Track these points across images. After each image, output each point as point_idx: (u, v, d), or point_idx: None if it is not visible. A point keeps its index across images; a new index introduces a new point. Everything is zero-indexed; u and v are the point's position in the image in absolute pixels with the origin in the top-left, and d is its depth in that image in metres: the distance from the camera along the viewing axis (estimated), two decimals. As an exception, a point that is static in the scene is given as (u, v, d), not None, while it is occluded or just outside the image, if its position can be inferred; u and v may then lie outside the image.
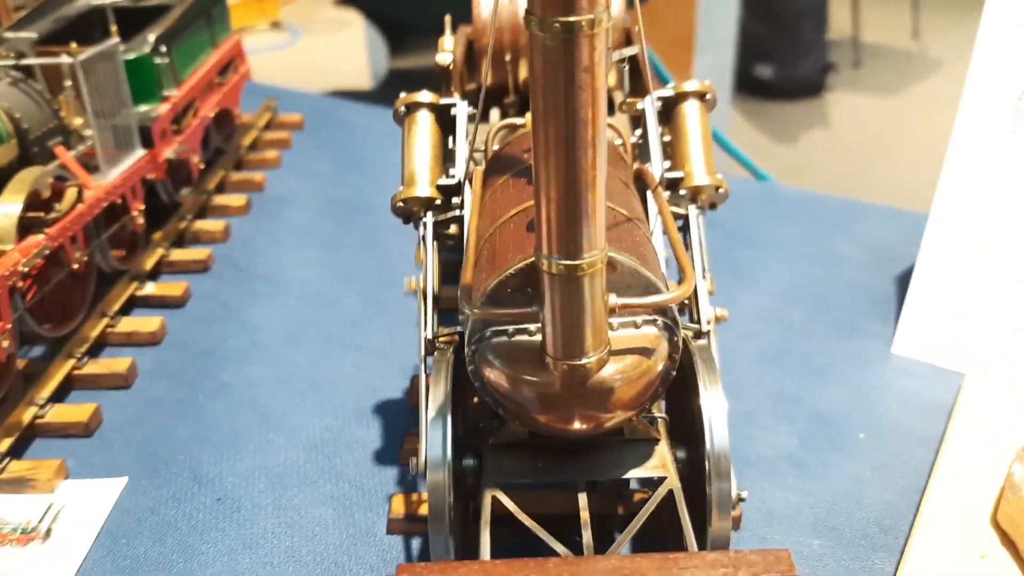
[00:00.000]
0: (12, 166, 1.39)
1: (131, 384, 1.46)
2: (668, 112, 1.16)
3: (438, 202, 1.10)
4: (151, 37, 1.72)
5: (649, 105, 1.14)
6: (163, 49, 1.73)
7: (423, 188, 1.10)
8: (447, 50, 1.34)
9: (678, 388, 0.93)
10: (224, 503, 1.23)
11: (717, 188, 1.11)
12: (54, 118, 1.49)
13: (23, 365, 1.43)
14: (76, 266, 1.42)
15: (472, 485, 0.94)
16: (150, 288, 1.68)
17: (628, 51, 1.13)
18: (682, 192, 1.11)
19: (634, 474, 0.92)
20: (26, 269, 1.29)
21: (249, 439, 1.33)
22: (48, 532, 1.20)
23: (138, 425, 1.38)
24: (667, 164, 1.12)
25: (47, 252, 1.34)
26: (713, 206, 1.15)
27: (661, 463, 0.92)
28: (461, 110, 1.15)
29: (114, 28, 1.70)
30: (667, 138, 1.14)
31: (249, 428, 1.36)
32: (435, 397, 0.89)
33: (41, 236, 1.34)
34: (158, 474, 1.29)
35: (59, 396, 1.42)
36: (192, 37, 1.87)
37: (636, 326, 0.85)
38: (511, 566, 0.76)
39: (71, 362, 1.45)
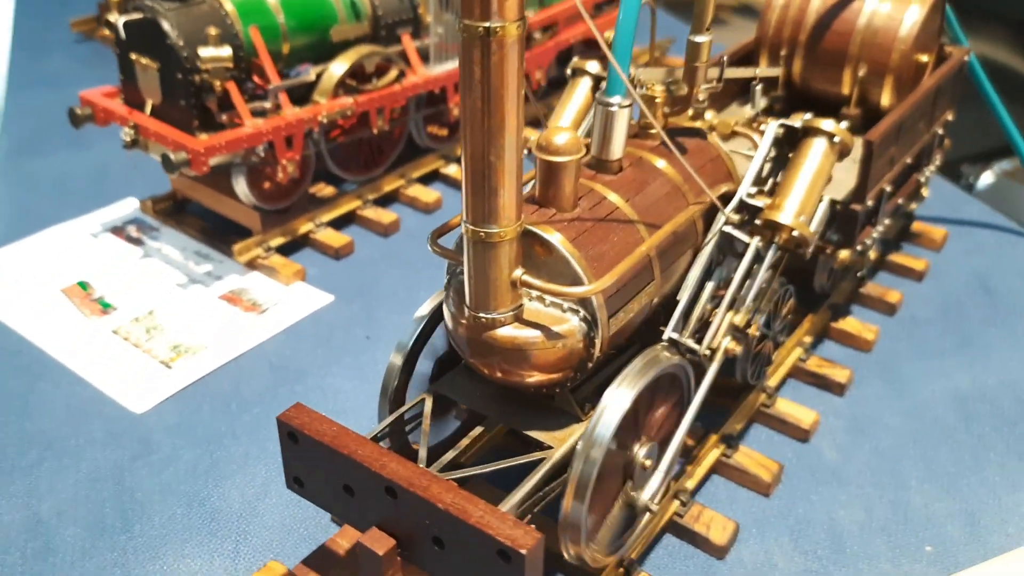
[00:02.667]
0: (359, 40, 1.78)
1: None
2: (794, 143, 1.14)
3: None
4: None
5: (770, 131, 1.13)
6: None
7: None
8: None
9: None
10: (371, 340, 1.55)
11: (794, 232, 1.09)
12: (410, 10, 1.85)
13: (322, 191, 1.88)
14: (376, 131, 1.80)
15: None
16: (452, 169, 2.02)
17: (766, 71, 1.13)
18: (758, 222, 1.11)
19: (533, 434, 1.01)
20: (326, 120, 1.68)
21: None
22: (266, 310, 1.63)
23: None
24: (753, 190, 1.11)
25: (350, 114, 1.72)
26: (795, 251, 1.13)
27: (563, 437, 1.01)
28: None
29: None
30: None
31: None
32: (431, 302, 1.08)
33: (350, 100, 1.72)
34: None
35: (337, 224, 1.84)
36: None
37: (562, 310, 0.95)
38: (359, 442, 0.93)
39: (357, 202, 1.86)
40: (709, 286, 1.10)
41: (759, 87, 1.17)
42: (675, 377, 1.05)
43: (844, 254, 1.40)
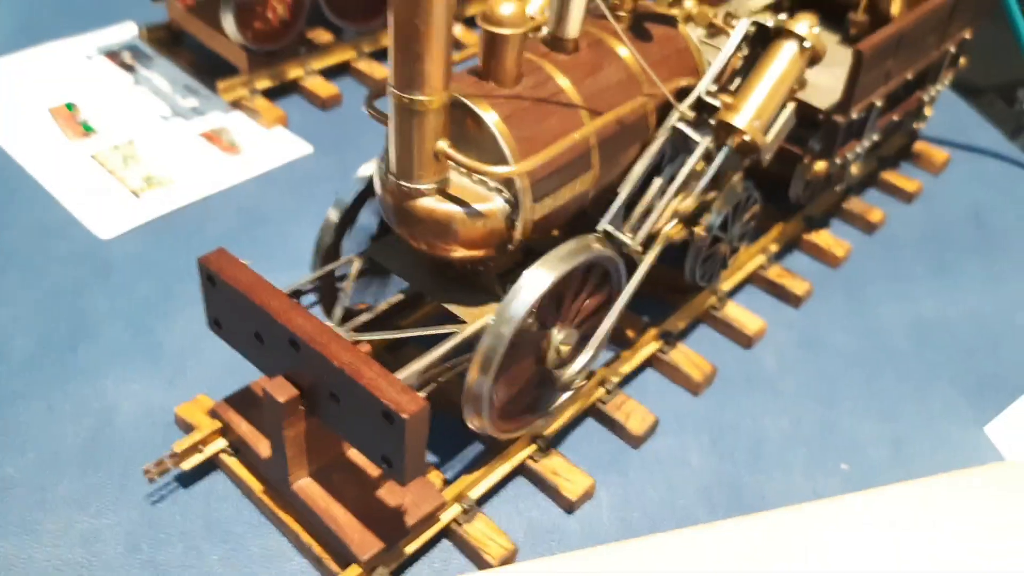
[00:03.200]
0: None
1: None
2: (766, 43, 1.09)
3: None
4: None
5: (740, 27, 1.08)
6: None
7: None
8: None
9: None
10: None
11: (745, 137, 1.05)
12: None
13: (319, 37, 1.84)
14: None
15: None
16: (458, 30, 1.97)
17: None
18: (712, 122, 1.08)
19: (450, 307, 1.02)
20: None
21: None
22: (242, 152, 1.63)
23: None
24: (714, 88, 1.07)
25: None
26: (748, 157, 1.10)
27: (479, 314, 1.02)
28: None
29: None
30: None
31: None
32: (376, 161, 1.06)
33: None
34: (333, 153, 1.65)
35: (329, 73, 1.81)
36: None
37: (487, 187, 0.94)
38: (272, 293, 0.95)
39: (352, 53, 1.83)
40: (657, 183, 1.08)
41: None
42: (605, 269, 1.05)
43: (820, 165, 1.37)
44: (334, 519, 1.00)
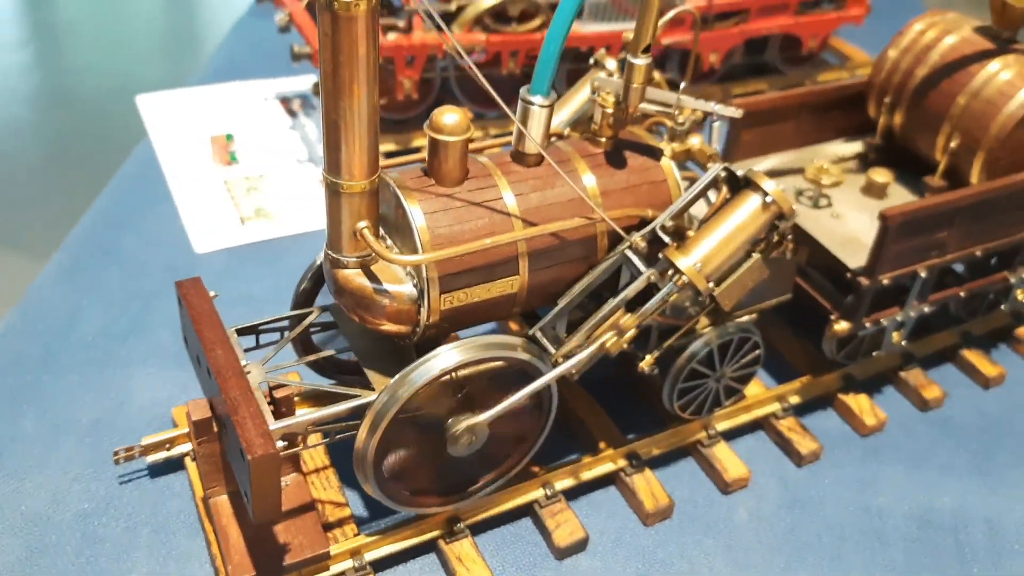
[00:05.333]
0: None
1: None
2: (735, 189, 1.07)
3: None
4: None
5: (713, 170, 1.07)
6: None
7: None
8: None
9: None
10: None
11: (684, 278, 1.04)
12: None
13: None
14: (505, 72, 1.87)
15: None
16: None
17: (726, 111, 1.06)
18: (661, 256, 1.07)
19: (368, 372, 1.08)
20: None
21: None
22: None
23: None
24: (670, 223, 1.07)
25: (478, 50, 1.81)
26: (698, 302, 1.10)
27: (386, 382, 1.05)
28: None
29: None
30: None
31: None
32: None
33: (483, 37, 1.81)
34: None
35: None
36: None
37: (405, 271, 1.01)
38: (212, 325, 1.07)
39: (478, 133, 1.96)
40: (610, 304, 1.09)
41: (716, 124, 1.10)
42: (525, 372, 1.08)
43: (842, 326, 1.31)
44: (227, 538, 1.10)
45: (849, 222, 1.36)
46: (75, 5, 2.40)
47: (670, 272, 1.05)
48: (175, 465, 1.27)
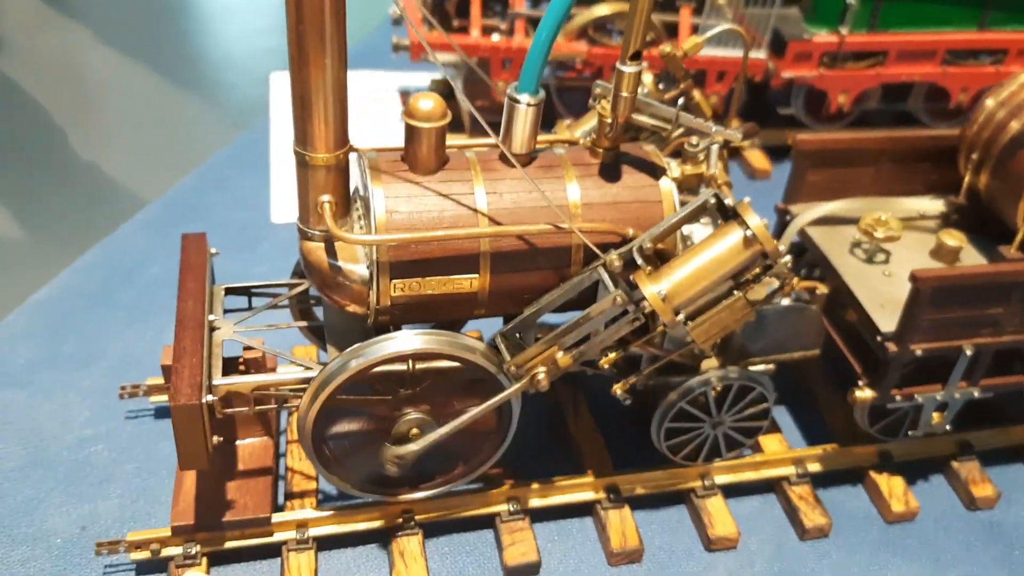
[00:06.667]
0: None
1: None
2: (725, 215, 0.98)
3: None
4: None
5: (701, 196, 0.98)
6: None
7: None
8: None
9: None
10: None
11: (643, 304, 0.98)
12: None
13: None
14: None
15: None
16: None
17: (728, 133, 0.97)
18: (632, 278, 0.99)
19: (329, 346, 1.09)
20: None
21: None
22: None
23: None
24: (649, 246, 0.99)
25: (579, 61, 1.79)
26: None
27: None
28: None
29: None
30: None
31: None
32: None
33: (584, 48, 1.78)
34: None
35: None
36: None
37: (363, 256, 1.01)
38: (195, 278, 1.12)
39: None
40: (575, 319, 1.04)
41: (714, 147, 1.01)
42: (483, 378, 1.05)
43: (864, 394, 1.18)
44: (181, 485, 1.14)
45: (901, 283, 1.23)
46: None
47: (636, 296, 0.99)
48: (178, 411, 1.33)
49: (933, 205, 1.35)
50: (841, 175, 1.36)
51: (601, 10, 1.79)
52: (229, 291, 1.18)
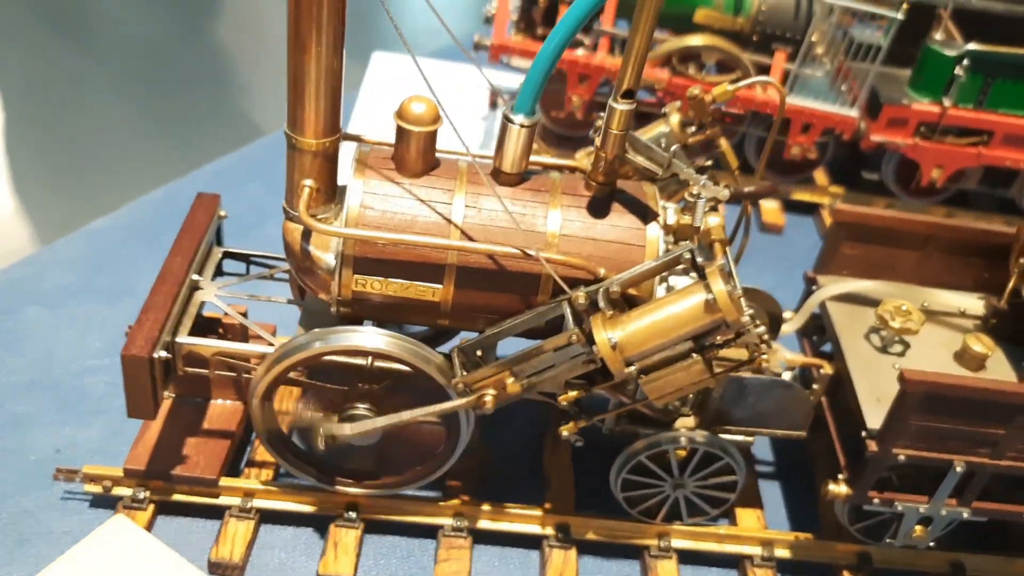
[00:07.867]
0: (723, 32, 1.74)
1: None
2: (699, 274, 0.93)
3: None
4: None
5: (680, 248, 0.93)
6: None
7: None
8: None
9: None
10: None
11: (593, 348, 0.95)
12: (799, 30, 1.73)
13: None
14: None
15: None
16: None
17: (714, 189, 0.92)
18: (591, 319, 0.95)
19: (300, 327, 1.10)
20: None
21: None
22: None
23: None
24: (616, 290, 0.94)
25: (658, 88, 1.74)
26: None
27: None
28: None
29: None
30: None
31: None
32: None
33: (665, 76, 1.74)
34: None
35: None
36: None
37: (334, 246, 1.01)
38: (190, 236, 1.14)
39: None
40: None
41: (700, 202, 0.94)
42: (440, 392, 1.04)
43: (838, 488, 1.11)
44: (143, 433, 1.18)
45: (908, 380, 1.15)
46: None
47: (587, 340, 0.96)
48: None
49: (973, 304, 1.25)
50: (881, 253, 1.28)
51: (693, 40, 1.74)
52: (228, 255, 1.21)
